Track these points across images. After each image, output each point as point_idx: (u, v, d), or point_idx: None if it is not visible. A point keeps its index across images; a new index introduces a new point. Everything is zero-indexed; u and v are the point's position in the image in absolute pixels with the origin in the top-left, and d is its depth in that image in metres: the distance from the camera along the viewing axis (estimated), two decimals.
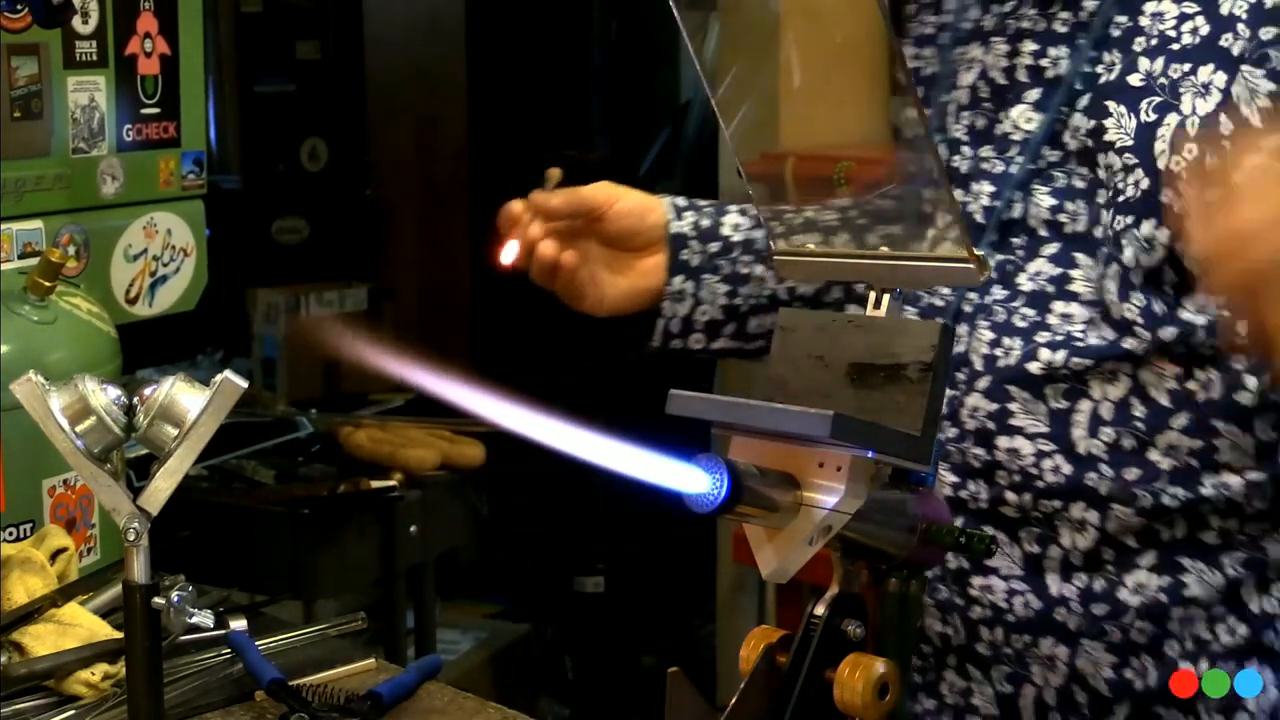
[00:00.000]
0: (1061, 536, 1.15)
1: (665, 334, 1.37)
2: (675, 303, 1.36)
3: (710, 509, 0.87)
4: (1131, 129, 1.12)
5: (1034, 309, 1.16)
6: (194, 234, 2.01)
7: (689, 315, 1.36)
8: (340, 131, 4.12)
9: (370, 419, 2.89)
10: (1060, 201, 1.16)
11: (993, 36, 1.21)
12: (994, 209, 1.18)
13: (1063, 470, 1.14)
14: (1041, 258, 1.17)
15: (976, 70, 1.21)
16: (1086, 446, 1.13)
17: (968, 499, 1.18)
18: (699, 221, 1.37)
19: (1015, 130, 1.18)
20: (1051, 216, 1.16)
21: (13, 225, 1.72)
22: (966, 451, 1.17)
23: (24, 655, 1.31)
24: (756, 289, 1.36)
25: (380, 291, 3.97)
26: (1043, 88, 1.17)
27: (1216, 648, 1.15)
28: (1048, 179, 1.16)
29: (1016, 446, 1.15)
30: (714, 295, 1.36)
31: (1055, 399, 1.14)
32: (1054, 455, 1.14)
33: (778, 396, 0.97)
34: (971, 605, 1.19)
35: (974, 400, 1.17)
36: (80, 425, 1.10)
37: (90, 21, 1.85)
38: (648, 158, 4.15)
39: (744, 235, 1.36)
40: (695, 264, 1.35)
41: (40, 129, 1.80)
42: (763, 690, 0.92)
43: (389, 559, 2.64)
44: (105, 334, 1.64)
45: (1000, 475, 1.16)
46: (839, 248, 1.10)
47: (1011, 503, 1.16)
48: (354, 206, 4.16)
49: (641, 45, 4.25)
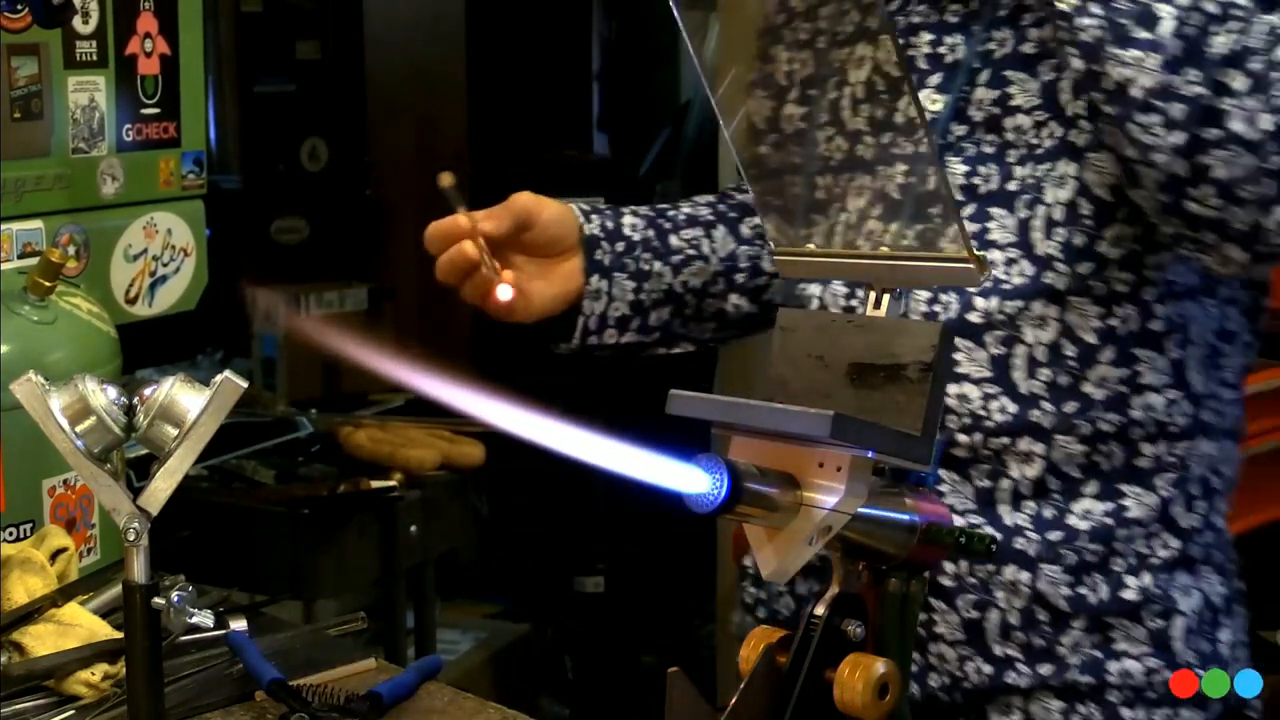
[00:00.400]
0: (1010, 469, 1.24)
1: (584, 331, 1.46)
2: (593, 301, 1.44)
3: (710, 509, 0.87)
4: (1036, 90, 1.22)
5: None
6: (194, 234, 2.01)
7: (604, 312, 1.45)
8: (340, 131, 4.12)
9: (370, 419, 2.89)
10: (973, 167, 1.24)
11: (881, 35, 1.28)
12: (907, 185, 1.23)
13: (1009, 410, 1.23)
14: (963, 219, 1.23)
15: (868, 66, 1.28)
16: (1028, 387, 1.23)
17: None
18: (604, 223, 1.46)
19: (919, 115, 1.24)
20: (966, 181, 1.24)
21: (13, 225, 1.72)
22: None
23: (24, 655, 1.31)
24: (656, 284, 1.47)
25: (380, 291, 3.97)
26: (943, 72, 1.26)
27: (1155, 560, 1.25)
28: (958, 150, 1.25)
29: (965, 392, 1.23)
30: (623, 292, 1.46)
31: (994, 346, 1.23)
32: (1000, 397, 1.23)
33: (778, 396, 0.97)
34: None
35: None
36: (80, 425, 1.10)
37: (90, 21, 1.85)
38: (648, 158, 4.15)
39: (641, 235, 1.47)
40: (607, 264, 1.45)
41: (40, 129, 1.80)
42: (763, 690, 0.92)
43: (389, 559, 2.63)
44: (105, 334, 1.64)
45: (951, 419, 1.24)
46: (839, 248, 1.10)
47: (963, 444, 1.24)
48: (354, 206, 4.16)
49: (641, 45, 4.26)
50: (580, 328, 1.46)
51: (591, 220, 1.45)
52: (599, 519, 3.82)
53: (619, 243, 1.46)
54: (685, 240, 1.48)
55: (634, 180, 4.11)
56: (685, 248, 1.48)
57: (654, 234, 1.47)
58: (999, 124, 1.24)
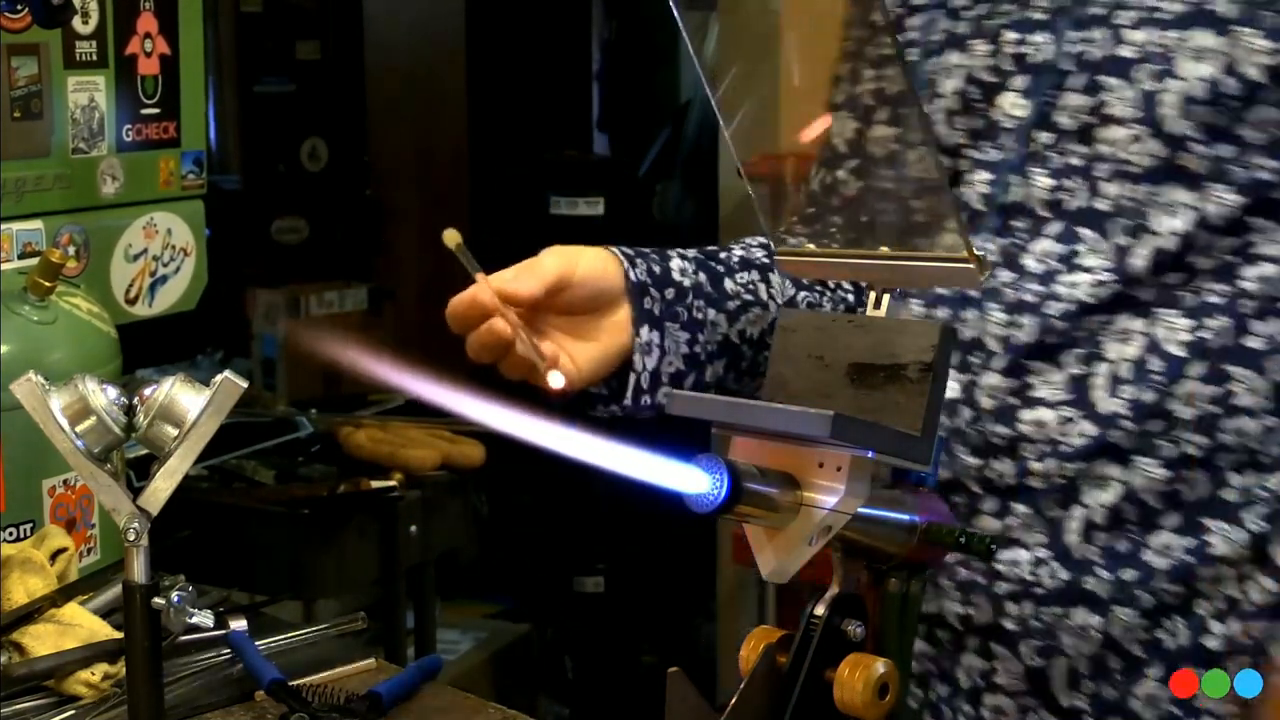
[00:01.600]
0: (1084, 495, 1.17)
1: (636, 391, 1.27)
2: (644, 355, 1.27)
3: (710, 509, 0.87)
4: (1132, 99, 1.14)
5: (1044, 285, 1.18)
6: (194, 234, 2.01)
7: (657, 368, 1.28)
8: (340, 131, 4.12)
9: (370, 419, 2.89)
10: (1058, 181, 1.18)
11: (970, 40, 1.23)
12: (991, 195, 1.20)
13: (1087, 433, 1.16)
14: (1046, 237, 1.18)
15: (960, 75, 1.23)
16: (1108, 406, 1.16)
17: (994, 478, 1.19)
18: (651, 268, 1.29)
19: (1006, 118, 1.20)
20: (1051, 196, 1.18)
21: (13, 225, 1.72)
22: (987, 431, 1.19)
23: (24, 655, 1.31)
24: (711, 335, 1.31)
25: (380, 291, 3.97)
26: (1028, 74, 1.19)
27: (1247, 606, 1.16)
28: (1043, 161, 1.18)
29: (1040, 418, 1.17)
30: (676, 344, 1.29)
31: (1073, 365, 1.17)
32: (1078, 420, 1.16)
33: (778, 396, 0.97)
34: (996, 581, 1.20)
35: (991, 380, 1.19)
36: (80, 425, 1.10)
37: (90, 21, 1.85)
38: (648, 158, 4.15)
39: (692, 280, 1.31)
40: (658, 313, 1.28)
41: (40, 129, 1.80)
42: (763, 690, 0.92)
43: (389, 559, 2.64)
44: (105, 334, 1.64)
45: (1025, 448, 1.18)
46: (839, 248, 1.10)
47: (1037, 472, 1.17)
48: (354, 206, 4.16)
49: (641, 45, 4.25)
50: (632, 386, 1.27)
51: (637, 265, 1.28)
52: (599, 519, 3.82)
53: (669, 289, 1.29)
54: (741, 284, 1.33)
55: (634, 180, 4.11)
56: (742, 293, 1.32)
57: (706, 278, 1.32)
58: (1090, 134, 1.17)
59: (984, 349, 1.20)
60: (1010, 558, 1.19)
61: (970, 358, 1.20)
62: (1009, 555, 1.19)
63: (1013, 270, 1.19)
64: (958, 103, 1.23)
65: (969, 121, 1.23)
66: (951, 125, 1.23)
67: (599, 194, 3.96)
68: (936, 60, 1.25)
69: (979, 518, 1.20)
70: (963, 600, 1.21)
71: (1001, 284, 1.20)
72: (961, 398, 1.20)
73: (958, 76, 1.23)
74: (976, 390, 1.20)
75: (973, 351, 1.20)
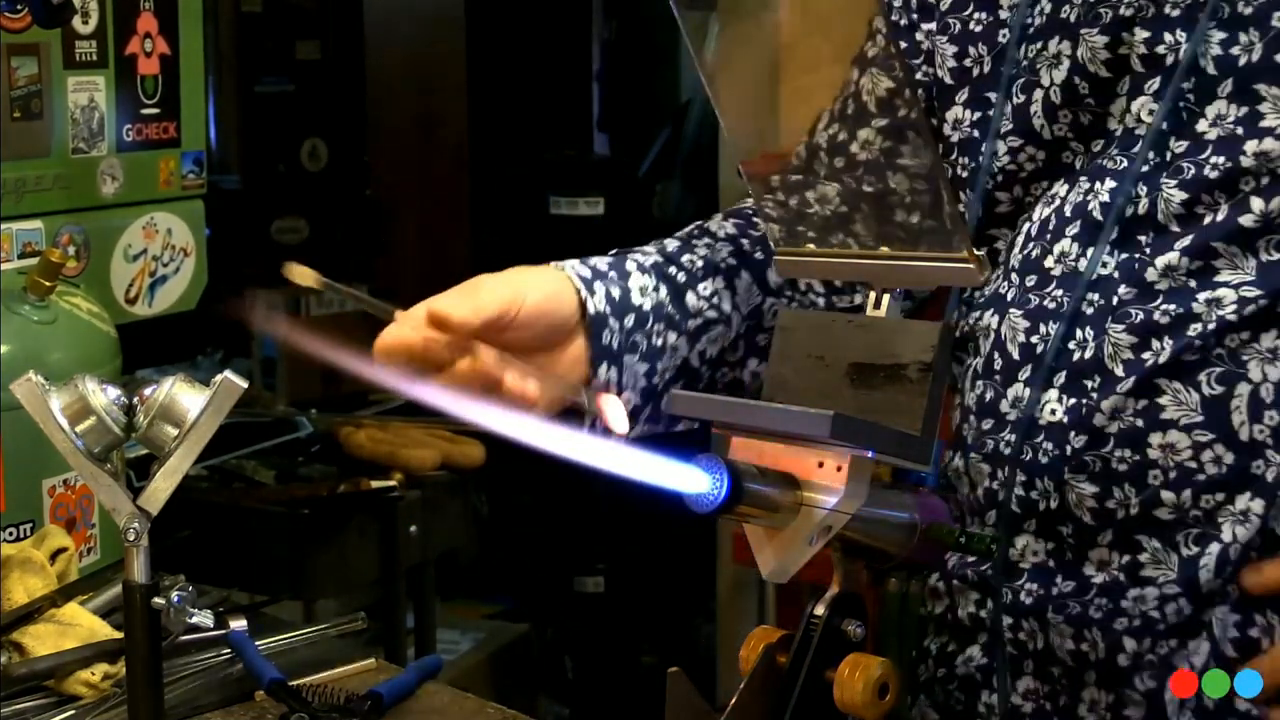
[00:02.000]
0: (1223, 533, 1.08)
1: (590, 430, 1.17)
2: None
3: (710, 509, 0.87)
4: None
5: (1175, 304, 1.10)
6: (194, 234, 2.01)
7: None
8: (340, 131, 4.11)
9: (370, 419, 2.89)
10: (1194, 194, 1.09)
11: (1083, 29, 1.14)
12: (1113, 205, 1.12)
13: (1224, 460, 1.07)
14: (1174, 251, 1.10)
15: (1066, 65, 1.15)
16: (1249, 432, 1.07)
17: (1115, 508, 1.11)
18: (610, 291, 1.19)
19: (1138, 124, 1.12)
20: (1184, 210, 1.09)
21: (13, 225, 1.72)
22: (1110, 457, 1.10)
23: (24, 655, 1.31)
24: (670, 361, 1.23)
25: (380, 292, 3.96)
26: (1160, 75, 1.10)
27: None
28: (1176, 171, 1.10)
29: (1171, 441, 1.08)
30: (634, 378, 1.20)
31: (1209, 385, 1.08)
32: (1213, 445, 1.07)
33: (778, 396, 0.97)
34: (1117, 618, 1.12)
35: (1114, 402, 1.10)
36: (80, 425, 1.10)
37: (90, 21, 1.85)
38: (648, 158, 4.15)
39: (653, 301, 1.21)
40: (616, 347, 1.19)
41: (40, 129, 1.80)
42: (763, 690, 0.92)
43: (389, 559, 2.63)
44: (105, 334, 1.64)
45: (1153, 475, 1.09)
46: (839, 248, 1.09)
47: (1168, 503, 1.09)
48: (354, 206, 4.15)
49: (641, 45, 4.25)
50: (585, 427, 1.16)
51: (595, 291, 1.18)
52: (599, 519, 3.81)
53: (628, 315, 1.20)
54: (703, 298, 1.25)
55: (634, 180, 4.11)
56: (704, 308, 1.24)
57: (667, 293, 1.23)
58: (1239, 146, 1.07)
59: (1105, 372, 1.10)
60: (1138, 594, 1.11)
61: (1085, 382, 1.11)
62: (1137, 592, 1.11)
63: (1134, 285, 1.11)
64: (1062, 95, 1.15)
65: (1076, 117, 1.15)
66: (1054, 118, 1.16)
67: (599, 194, 3.96)
68: (1036, 45, 1.17)
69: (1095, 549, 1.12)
70: (1075, 636, 1.13)
71: (1123, 301, 1.11)
72: (1069, 421, 1.11)
73: (1064, 67, 1.15)
74: (1096, 414, 1.10)
75: (1089, 375, 1.11)
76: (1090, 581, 1.13)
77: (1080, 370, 1.11)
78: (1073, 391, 1.11)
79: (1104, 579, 1.13)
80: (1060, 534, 1.13)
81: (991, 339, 1.16)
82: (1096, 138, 1.15)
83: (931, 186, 1.07)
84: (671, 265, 1.25)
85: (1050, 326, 1.13)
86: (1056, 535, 1.13)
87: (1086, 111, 1.15)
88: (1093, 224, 1.13)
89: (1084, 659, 1.14)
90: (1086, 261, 1.12)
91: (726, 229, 1.32)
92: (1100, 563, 1.12)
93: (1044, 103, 1.17)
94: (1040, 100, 1.17)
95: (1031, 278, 1.16)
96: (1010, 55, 1.18)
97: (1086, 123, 1.16)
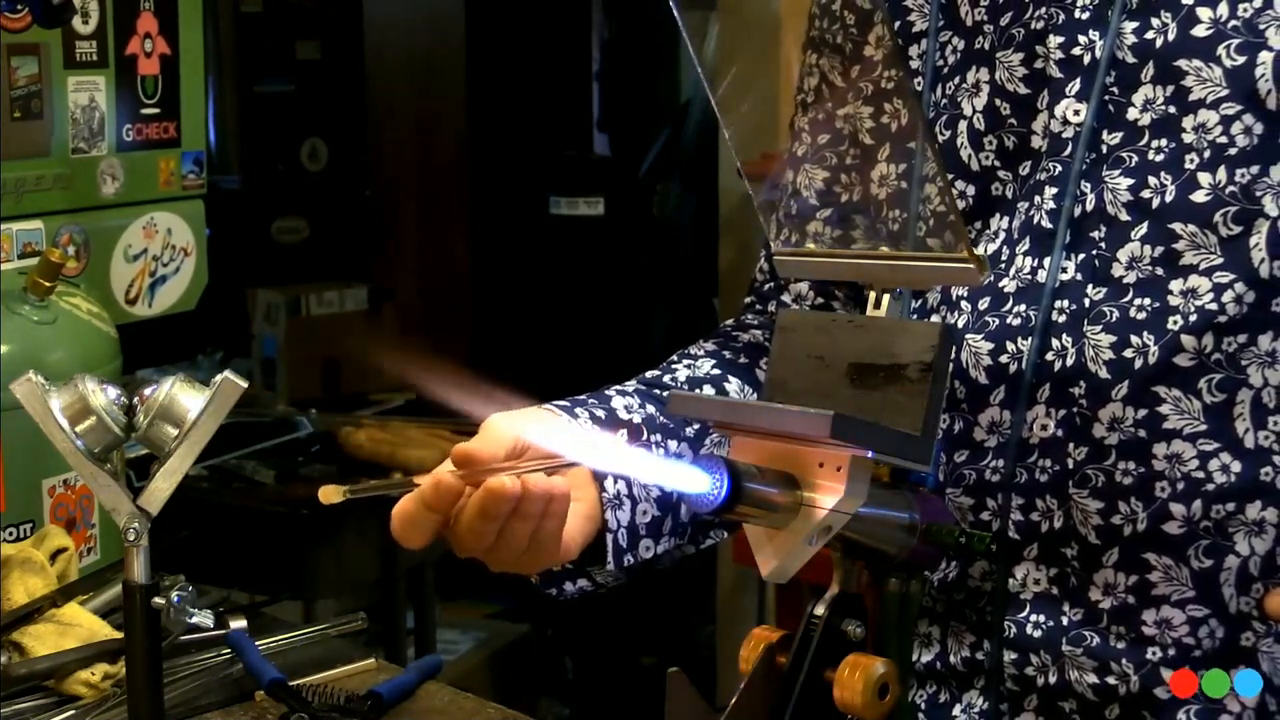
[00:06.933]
0: (1238, 545, 1.06)
1: (617, 550, 1.14)
2: (615, 510, 1.13)
3: (710, 509, 0.87)
4: (1219, 78, 1.06)
5: (1149, 297, 1.08)
6: (194, 234, 2.01)
7: (631, 521, 1.15)
8: (340, 131, 4.12)
9: (370, 419, 2.89)
10: (1140, 179, 1.08)
11: (998, 53, 1.15)
12: (1060, 209, 1.11)
13: (1232, 469, 1.06)
14: (1133, 242, 1.09)
15: (986, 91, 1.16)
16: (1254, 439, 1.06)
17: (1122, 523, 1.08)
18: (594, 413, 1.16)
19: (1064, 127, 1.12)
20: (1132, 196, 1.08)
21: (13, 225, 1.72)
22: (1114, 470, 1.08)
23: (24, 655, 1.31)
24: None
25: (380, 291, 3.97)
26: (1081, 76, 1.11)
27: None
28: (1117, 162, 1.09)
29: (1176, 452, 1.06)
30: (646, 489, 1.15)
31: (1210, 392, 1.06)
32: (1220, 454, 1.06)
33: (778, 396, 0.97)
34: (1146, 646, 1.10)
35: (1112, 411, 1.08)
36: (80, 425, 1.10)
37: (90, 21, 1.85)
38: (648, 158, 4.15)
39: (641, 415, 1.17)
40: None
41: (40, 129, 1.80)
42: (763, 690, 0.92)
43: (389, 559, 2.64)
44: (105, 334, 1.64)
45: (1160, 487, 1.07)
46: (839, 248, 1.09)
47: (1177, 515, 1.07)
48: (354, 206, 4.16)
49: (641, 45, 4.26)
50: (612, 547, 1.13)
51: (578, 415, 1.14)
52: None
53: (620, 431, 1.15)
54: None
55: (634, 180, 4.11)
56: None
57: (655, 409, 1.18)
58: (1176, 124, 1.07)
59: (1091, 377, 1.08)
60: (1157, 618, 1.09)
61: (1073, 390, 1.09)
62: (1152, 615, 1.09)
63: (1102, 284, 1.09)
64: (985, 121, 1.16)
65: (1001, 141, 1.15)
66: (979, 146, 1.16)
67: (599, 194, 3.97)
68: (953, 83, 1.18)
69: (1100, 571, 1.10)
70: (1097, 669, 1.11)
71: (1096, 302, 1.10)
72: (1066, 434, 1.09)
73: (984, 94, 1.16)
74: (1095, 425, 1.08)
75: (1076, 382, 1.09)
76: (1098, 608, 1.10)
77: (1064, 379, 1.09)
78: (1060, 402, 1.09)
79: (1111, 603, 1.10)
80: (1064, 556, 1.11)
81: (950, 370, 1.13)
82: (1023, 160, 1.14)
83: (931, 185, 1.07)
84: (655, 388, 1.22)
85: (1020, 343, 1.11)
86: (1059, 558, 1.11)
87: (1010, 133, 1.15)
88: (1043, 234, 1.12)
89: (1111, 692, 1.11)
90: (1046, 272, 1.10)
91: (706, 347, 1.30)
92: (1106, 586, 1.10)
93: (969, 132, 1.16)
94: (965, 130, 1.17)
95: (985, 300, 1.14)
96: (926, 99, 1.19)
97: (1011, 146, 1.15)
